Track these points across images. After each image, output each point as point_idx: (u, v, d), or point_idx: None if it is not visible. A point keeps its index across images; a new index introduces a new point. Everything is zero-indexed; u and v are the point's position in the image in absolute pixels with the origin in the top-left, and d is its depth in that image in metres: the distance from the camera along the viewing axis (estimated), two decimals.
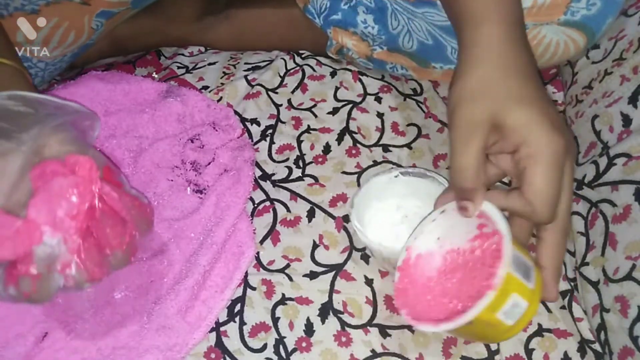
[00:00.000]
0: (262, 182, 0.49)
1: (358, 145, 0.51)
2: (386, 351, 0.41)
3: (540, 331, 0.42)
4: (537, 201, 0.34)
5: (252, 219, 0.47)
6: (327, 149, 0.51)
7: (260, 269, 0.44)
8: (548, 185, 0.34)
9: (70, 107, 0.38)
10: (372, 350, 0.41)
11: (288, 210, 0.47)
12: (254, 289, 0.43)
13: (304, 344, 0.41)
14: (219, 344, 0.41)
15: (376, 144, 0.52)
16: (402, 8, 0.52)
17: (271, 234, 0.46)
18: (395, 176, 0.44)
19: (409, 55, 0.55)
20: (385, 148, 0.51)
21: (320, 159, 0.51)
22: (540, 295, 0.35)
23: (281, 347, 0.41)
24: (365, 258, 0.45)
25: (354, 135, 0.52)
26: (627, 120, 0.43)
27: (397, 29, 0.53)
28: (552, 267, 0.36)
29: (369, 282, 0.44)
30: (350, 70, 0.57)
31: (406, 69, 0.57)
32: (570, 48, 0.50)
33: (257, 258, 0.45)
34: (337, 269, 0.44)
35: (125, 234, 0.35)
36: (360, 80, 0.56)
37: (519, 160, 0.35)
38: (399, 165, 0.50)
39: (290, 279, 0.44)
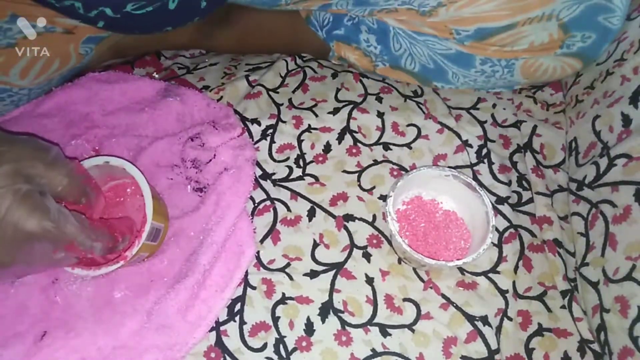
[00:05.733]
0: (262, 181, 0.49)
1: (358, 144, 0.51)
2: (386, 350, 0.41)
3: (540, 331, 0.42)
4: None
5: (252, 218, 0.47)
6: (327, 148, 0.51)
7: (261, 268, 0.44)
8: None
9: None
10: (373, 350, 0.41)
11: (288, 209, 0.47)
12: (254, 288, 0.43)
13: (304, 343, 0.41)
14: (219, 343, 0.41)
15: (377, 143, 0.52)
16: (403, 32, 0.52)
17: (271, 233, 0.46)
18: (447, 175, 0.46)
19: (412, 74, 0.56)
20: (386, 147, 0.51)
21: (320, 158, 0.50)
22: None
23: (281, 346, 0.41)
24: (367, 256, 0.45)
25: (355, 134, 0.52)
26: (627, 121, 0.43)
27: (399, 52, 0.53)
28: None
29: (369, 280, 0.44)
30: (351, 72, 0.57)
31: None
32: (567, 71, 0.52)
33: (258, 257, 0.45)
34: (338, 268, 0.44)
35: None
36: (362, 82, 0.56)
37: None
38: (400, 166, 0.50)
39: (291, 278, 0.43)
